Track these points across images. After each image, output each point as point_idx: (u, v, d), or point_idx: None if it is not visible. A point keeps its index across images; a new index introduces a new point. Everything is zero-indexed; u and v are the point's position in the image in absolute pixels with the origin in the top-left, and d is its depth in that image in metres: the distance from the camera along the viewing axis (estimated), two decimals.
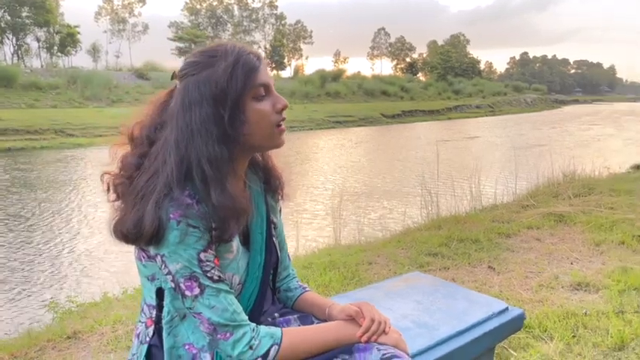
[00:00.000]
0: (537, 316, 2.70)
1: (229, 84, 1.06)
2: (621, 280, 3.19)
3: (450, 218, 5.02)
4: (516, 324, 1.89)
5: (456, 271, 3.52)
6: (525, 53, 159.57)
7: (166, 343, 1.11)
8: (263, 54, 1.16)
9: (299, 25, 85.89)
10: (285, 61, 77.55)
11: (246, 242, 1.19)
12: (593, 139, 25.46)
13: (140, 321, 1.18)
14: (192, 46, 54.34)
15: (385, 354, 1.09)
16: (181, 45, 54.61)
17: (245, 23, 77.43)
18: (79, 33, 52.22)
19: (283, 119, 1.14)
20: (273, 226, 1.27)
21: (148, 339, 1.15)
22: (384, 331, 1.14)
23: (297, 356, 1.09)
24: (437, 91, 65.90)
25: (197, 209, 1.03)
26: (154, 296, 1.13)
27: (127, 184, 1.10)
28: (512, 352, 2.33)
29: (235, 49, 1.10)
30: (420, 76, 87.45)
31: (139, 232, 1.02)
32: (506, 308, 1.89)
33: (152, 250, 1.06)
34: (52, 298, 4.73)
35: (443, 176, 7.21)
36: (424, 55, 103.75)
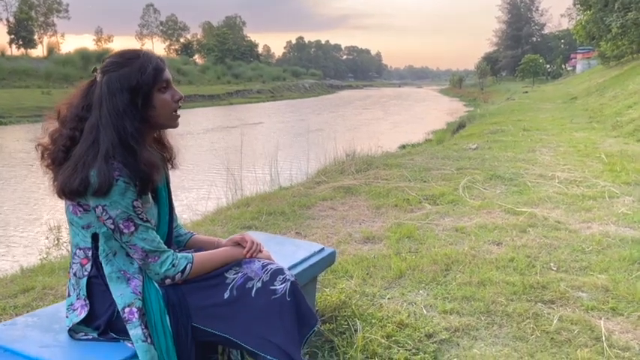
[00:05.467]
0: (340, 263, 3.59)
1: (143, 79, 1.58)
2: (397, 232, 4.31)
3: (256, 197, 5.79)
4: (331, 258, 2.68)
5: None
6: (301, 38, 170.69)
7: (106, 270, 1.59)
8: (165, 59, 1.68)
9: None
10: (36, 37, 70.12)
11: (154, 198, 1.71)
12: (366, 122, 29.14)
13: (74, 262, 1.63)
14: None
15: (264, 263, 1.73)
16: None
17: None
18: None
19: (179, 107, 1.69)
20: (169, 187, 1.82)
21: (86, 273, 1.61)
22: (260, 250, 1.79)
23: (203, 270, 1.67)
24: (216, 74, 66.85)
25: (126, 171, 1.53)
26: (90, 240, 1.59)
27: (63, 152, 1.54)
28: (324, 289, 3.14)
29: (147, 54, 1.63)
30: (197, 58, 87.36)
31: (86, 187, 1.48)
32: (323, 248, 2.67)
33: (93, 202, 1.52)
34: None
35: (243, 161, 7.97)
36: (198, 37, 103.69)
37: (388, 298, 3.09)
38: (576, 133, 11.35)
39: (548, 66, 65.22)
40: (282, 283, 1.67)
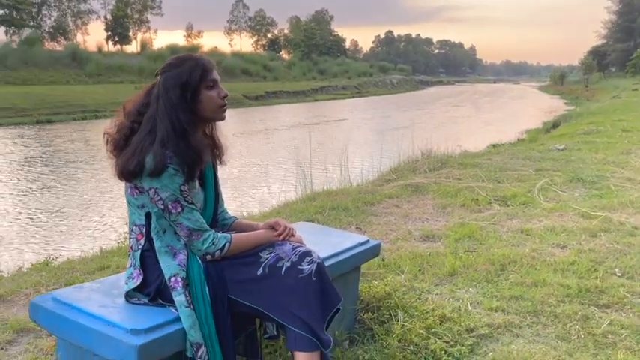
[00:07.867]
0: (394, 258, 3.78)
1: (191, 77, 1.89)
2: (458, 232, 4.42)
3: (322, 192, 6.08)
4: (375, 250, 2.89)
5: None
6: (390, 32, 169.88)
7: (157, 245, 1.90)
8: (214, 61, 1.98)
9: None
10: (130, 34, 74.66)
11: (201, 184, 2.01)
12: (454, 121, 28.74)
13: (131, 237, 1.97)
14: (15, 13, 50.51)
15: (294, 245, 1.99)
16: (1, 12, 50.56)
17: None
18: None
19: (225, 103, 1.97)
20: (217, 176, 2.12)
21: (140, 246, 1.94)
22: (292, 234, 2.05)
23: (240, 249, 1.96)
24: (301, 70, 67.94)
25: (176, 159, 1.83)
26: (144, 218, 1.91)
27: (124, 140, 1.88)
28: (374, 281, 3.34)
29: (198, 57, 1.94)
30: (283, 54, 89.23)
31: (141, 169, 1.80)
32: (368, 240, 2.89)
33: (146, 185, 1.83)
34: None
35: (316, 158, 8.31)
36: (285, 32, 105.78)
37: (436, 294, 3.25)
38: None
39: None
40: (308, 264, 1.91)
